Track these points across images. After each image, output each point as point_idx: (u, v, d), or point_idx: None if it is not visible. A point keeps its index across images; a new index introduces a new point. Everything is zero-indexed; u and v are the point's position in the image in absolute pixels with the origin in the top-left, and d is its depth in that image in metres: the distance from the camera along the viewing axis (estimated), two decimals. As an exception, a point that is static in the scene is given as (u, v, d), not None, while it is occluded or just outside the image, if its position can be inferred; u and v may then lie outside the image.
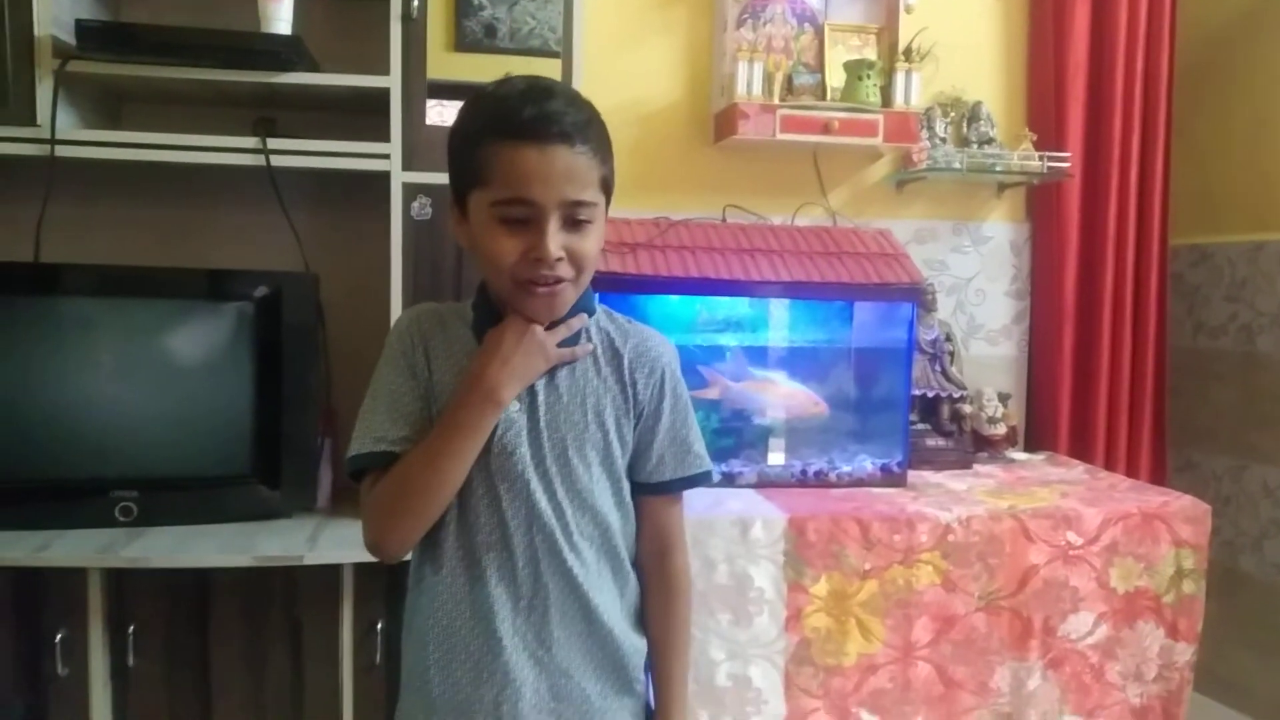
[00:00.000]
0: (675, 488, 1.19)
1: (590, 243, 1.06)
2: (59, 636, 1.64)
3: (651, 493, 1.18)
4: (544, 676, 1.10)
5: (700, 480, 1.20)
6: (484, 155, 1.03)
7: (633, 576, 1.19)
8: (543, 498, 1.09)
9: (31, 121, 1.76)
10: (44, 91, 1.76)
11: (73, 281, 1.83)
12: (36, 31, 1.75)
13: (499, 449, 1.08)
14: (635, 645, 1.18)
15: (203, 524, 1.79)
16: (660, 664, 1.20)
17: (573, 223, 1.04)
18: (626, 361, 1.15)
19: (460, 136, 1.08)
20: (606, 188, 1.10)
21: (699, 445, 1.19)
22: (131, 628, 1.68)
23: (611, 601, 1.14)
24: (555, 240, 1.02)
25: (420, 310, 1.18)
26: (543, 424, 1.10)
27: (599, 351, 1.15)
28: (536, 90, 1.05)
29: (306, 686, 1.75)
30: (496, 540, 1.09)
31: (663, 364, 1.17)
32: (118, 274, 1.87)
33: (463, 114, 1.10)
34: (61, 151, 1.78)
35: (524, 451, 1.09)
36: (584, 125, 1.06)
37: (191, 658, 1.72)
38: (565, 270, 1.05)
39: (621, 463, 1.16)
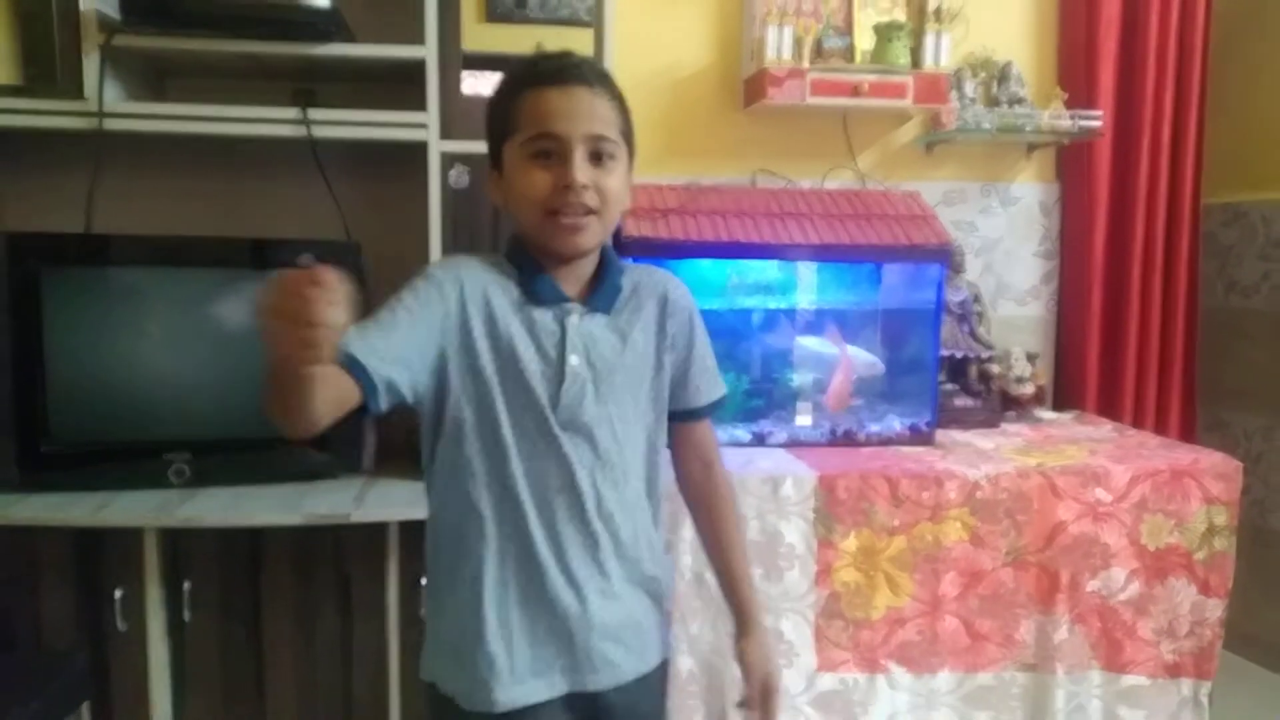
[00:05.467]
0: (711, 410, 1.29)
1: (614, 180, 1.13)
2: (118, 593, 1.72)
3: (693, 418, 1.28)
4: (606, 607, 1.17)
5: (723, 401, 1.31)
6: (514, 106, 1.13)
7: (659, 501, 1.27)
8: (604, 439, 1.16)
9: (79, 95, 1.81)
10: (91, 65, 1.81)
11: (123, 252, 1.89)
12: (82, 6, 1.79)
13: (566, 401, 1.13)
14: (668, 565, 1.28)
15: (253, 484, 1.85)
16: (733, 564, 1.29)
17: (597, 158, 1.11)
18: (665, 305, 1.23)
19: (493, 101, 1.17)
20: (628, 140, 1.17)
21: (717, 370, 1.31)
22: (187, 585, 1.75)
23: (649, 528, 1.23)
24: (582, 169, 1.10)
25: (469, 260, 1.19)
26: (602, 372, 1.16)
27: (639, 298, 1.22)
28: (558, 51, 1.15)
29: (355, 640, 1.82)
30: (567, 483, 1.14)
31: (688, 302, 1.27)
32: (166, 244, 1.92)
33: (496, 86, 1.18)
34: (109, 124, 1.83)
35: (589, 401, 1.15)
36: (603, 76, 1.15)
37: (245, 613, 1.79)
38: (592, 199, 1.11)
39: (665, 400, 1.24)
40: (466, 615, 1.17)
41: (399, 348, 1.07)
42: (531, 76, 1.12)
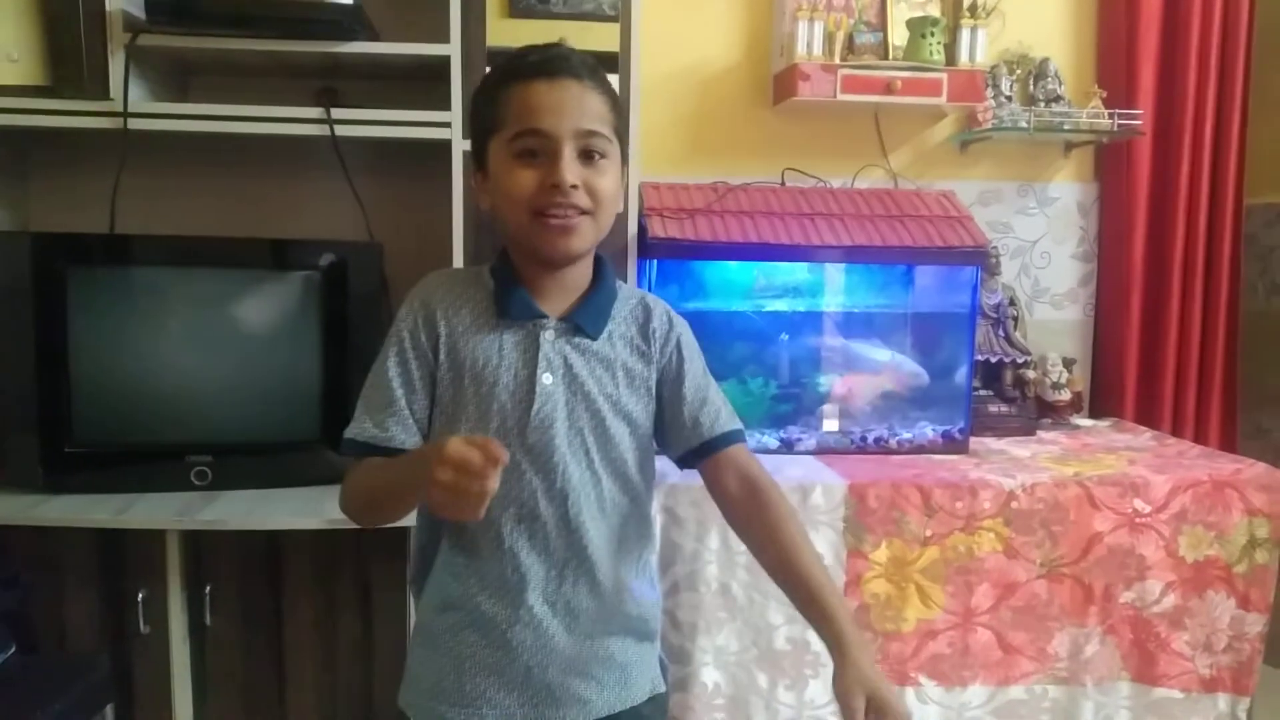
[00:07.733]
0: (728, 441, 1.16)
1: (606, 180, 1.07)
2: (140, 595, 1.71)
3: (709, 451, 1.16)
4: (572, 642, 1.11)
5: (740, 434, 1.18)
6: (498, 100, 1.07)
7: (653, 532, 1.21)
8: (577, 469, 1.09)
9: (104, 95, 1.81)
10: (116, 65, 1.80)
11: (146, 251, 1.88)
12: (108, 6, 1.78)
13: (536, 422, 1.08)
14: (654, 599, 1.20)
15: (274, 488, 1.84)
16: (804, 577, 1.07)
17: (587, 156, 1.06)
18: (648, 332, 1.17)
19: (477, 96, 1.12)
20: (622, 138, 1.11)
21: (725, 400, 1.20)
22: (208, 588, 1.74)
23: (632, 563, 1.16)
24: (571, 168, 1.04)
25: (433, 283, 1.16)
26: (578, 395, 1.10)
27: (626, 324, 1.16)
28: (544, 44, 1.09)
29: (375, 645, 1.80)
30: (529, 513, 1.09)
31: (678, 330, 1.19)
32: (189, 244, 1.91)
33: (481, 80, 1.14)
34: (134, 124, 1.82)
35: (561, 424, 1.09)
36: (593, 68, 1.09)
37: (266, 616, 1.78)
38: (582, 200, 1.05)
39: (649, 429, 1.17)
40: (425, 641, 1.15)
41: (405, 409, 1.11)
42: (517, 69, 1.06)
